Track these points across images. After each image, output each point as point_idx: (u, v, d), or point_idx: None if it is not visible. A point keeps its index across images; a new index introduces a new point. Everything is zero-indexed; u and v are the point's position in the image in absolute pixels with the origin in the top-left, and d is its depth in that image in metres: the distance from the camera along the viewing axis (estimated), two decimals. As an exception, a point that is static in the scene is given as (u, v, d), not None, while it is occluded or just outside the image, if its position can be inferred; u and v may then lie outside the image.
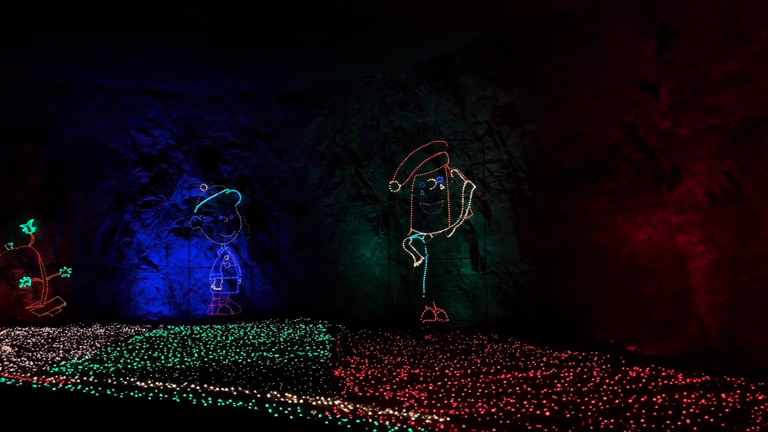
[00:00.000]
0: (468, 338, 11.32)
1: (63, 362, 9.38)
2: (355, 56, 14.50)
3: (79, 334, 13.00)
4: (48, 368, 8.88)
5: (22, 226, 15.51)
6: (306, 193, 17.09)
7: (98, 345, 11.26)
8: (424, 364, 8.88)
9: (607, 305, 11.23)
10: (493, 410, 6.21)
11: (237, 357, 9.78)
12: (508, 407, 6.34)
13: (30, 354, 10.29)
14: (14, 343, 11.56)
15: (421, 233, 13.47)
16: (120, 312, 16.37)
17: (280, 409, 5.92)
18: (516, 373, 8.11)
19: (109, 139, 16.46)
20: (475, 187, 12.92)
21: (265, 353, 10.08)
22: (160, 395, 6.58)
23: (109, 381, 7.65)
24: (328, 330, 12.93)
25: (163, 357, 9.87)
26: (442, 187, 13.20)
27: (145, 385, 7.28)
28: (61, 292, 15.85)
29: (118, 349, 10.75)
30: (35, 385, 7.35)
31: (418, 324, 13.17)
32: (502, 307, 13.15)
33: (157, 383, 7.38)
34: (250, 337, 12.21)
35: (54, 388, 7.17)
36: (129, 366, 9.05)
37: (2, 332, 13.05)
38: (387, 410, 6.06)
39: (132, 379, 7.76)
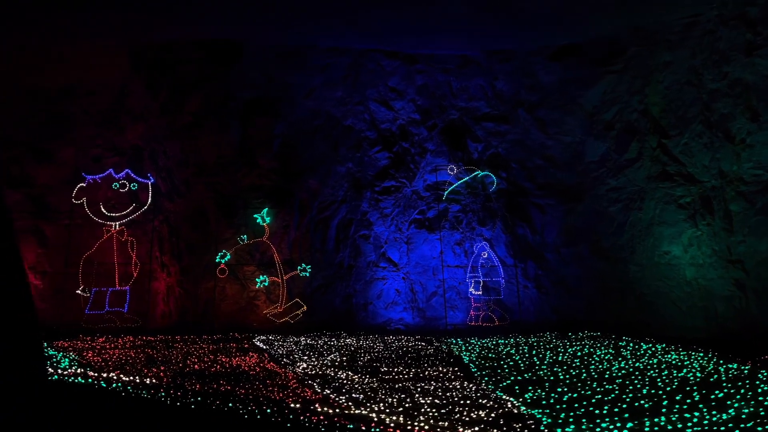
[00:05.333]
0: None
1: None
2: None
3: (361, 348, 10.22)
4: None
5: (255, 216, 13.24)
6: (581, 174, 13.61)
7: (443, 369, 8.21)
8: None
9: None
10: None
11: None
12: None
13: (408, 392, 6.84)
14: (332, 363, 8.76)
15: None
16: (356, 317, 13.74)
17: None
18: None
19: (344, 114, 13.87)
20: None
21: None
22: None
23: None
24: (712, 357, 9.10)
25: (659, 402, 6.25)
26: None
27: None
28: (295, 294, 13.44)
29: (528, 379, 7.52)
30: None
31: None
32: None
33: None
34: (630, 362, 8.69)
35: None
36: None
37: (260, 343, 10.63)
38: None
39: None
